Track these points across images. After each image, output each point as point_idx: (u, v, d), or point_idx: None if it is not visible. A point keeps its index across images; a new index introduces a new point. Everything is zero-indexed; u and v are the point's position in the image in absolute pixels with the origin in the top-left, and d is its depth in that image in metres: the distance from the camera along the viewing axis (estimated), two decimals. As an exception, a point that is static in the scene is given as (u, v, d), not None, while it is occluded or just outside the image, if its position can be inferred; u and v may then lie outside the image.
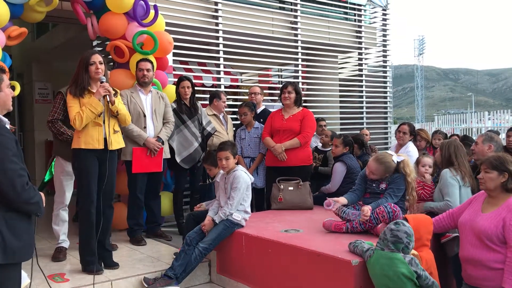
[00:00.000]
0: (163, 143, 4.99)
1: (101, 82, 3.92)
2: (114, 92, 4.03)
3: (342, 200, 3.95)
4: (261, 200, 5.71)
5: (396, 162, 3.92)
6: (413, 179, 3.93)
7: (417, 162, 4.38)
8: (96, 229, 3.96)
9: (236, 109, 7.75)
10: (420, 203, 4.12)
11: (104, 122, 3.93)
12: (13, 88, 2.65)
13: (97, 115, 3.88)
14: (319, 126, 6.27)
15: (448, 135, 6.69)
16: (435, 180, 4.28)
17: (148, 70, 4.94)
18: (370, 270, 3.10)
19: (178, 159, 5.29)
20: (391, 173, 3.93)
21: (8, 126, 2.45)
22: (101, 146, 3.93)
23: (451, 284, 3.77)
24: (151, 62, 5.03)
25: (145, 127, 4.92)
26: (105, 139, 3.94)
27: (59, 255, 4.43)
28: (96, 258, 3.98)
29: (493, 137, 4.21)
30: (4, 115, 2.49)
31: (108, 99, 3.91)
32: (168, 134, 5.11)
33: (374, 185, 3.99)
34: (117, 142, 4.07)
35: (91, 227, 3.96)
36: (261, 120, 5.76)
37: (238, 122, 6.30)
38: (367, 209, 3.69)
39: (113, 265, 4.13)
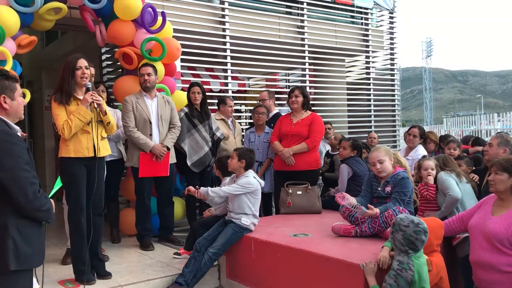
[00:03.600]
0: (168, 149, 5.01)
1: (88, 89, 3.82)
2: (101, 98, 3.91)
3: (353, 199, 3.84)
4: (269, 205, 5.71)
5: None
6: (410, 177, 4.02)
7: (419, 167, 4.35)
8: (87, 237, 3.88)
9: (242, 114, 7.83)
10: (432, 213, 4.11)
11: (92, 129, 3.84)
12: (23, 95, 2.67)
13: (86, 124, 3.79)
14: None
15: (458, 138, 6.66)
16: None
17: (149, 74, 4.91)
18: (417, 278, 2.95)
19: (189, 163, 5.32)
20: (391, 158, 3.93)
21: (19, 133, 2.49)
22: (91, 154, 3.83)
23: (460, 285, 3.75)
24: (153, 66, 5.01)
25: (150, 134, 4.94)
26: (94, 146, 3.86)
27: (67, 258, 4.44)
28: (89, 268, 3.90)
29: (509, 141, 4.18)
30: (16, 123, 2.52)
31: (97, 108, 3.82)
32: (173, 140, 5.12)
33: (379, 188, 3.98)
34: (105, 148, 3.98)
35: (81, 236, 3.88)
36: (272, 124, 5.78)
37: (246, 126, 6.33)
38: (376, 210, 3.69)
39: (106, 275, 4.03)
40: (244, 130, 6.66)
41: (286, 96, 5.68)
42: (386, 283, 2.95)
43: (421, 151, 5.56)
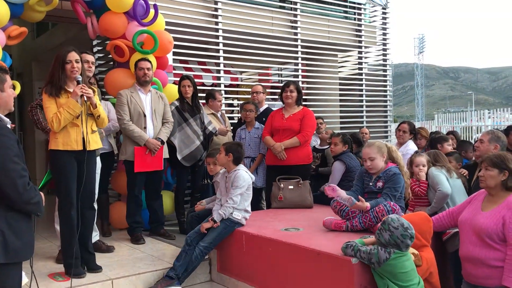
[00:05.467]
0: (162, 142, 5.00)
1: (78, 83, 3.77)
2: (92, 90, 3.86)
3: (342, 192, 3.82)
4: (258, 200, 5.71)
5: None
6: (406, 173, 4.04)
7: (410, 163, 4.37)
8: (78, 231, 3.86)
9: (236, 108, 7.81)
10: (422, 208, 4.14)
11: (82, 123, 3.80)
12: (13, 87, 2.64)
13: (75, 117, 3.75)
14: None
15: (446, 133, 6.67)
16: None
17: (148, 69, 4.95)
18: (388, 268, 3.06)
19: (179, 157, 5.31)
20: (383, 155, 3.94)
21: (9, 125, 2.46)
22: (80, 147, 3.80)
23: (449, 280, 3.78)
24: (150, 61, 5.04)
25: (145, 127, 4.93)
26: (83, 140, 3.82)
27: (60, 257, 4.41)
28: (79, 261, 3.88)
29: (500, 137, 4.20)
30: (6, 115, 2.50)
31: (87, 101, 3.77)
32: (167, 134, 5.11)
33: (371, 183, 3.99)
34: (95, 142, 3.94)
35: (72, 229, 3.85)
36: (264, 119, 5.75)
37: (235, 121, 6.29)
38: (366, 204, 3.71)
39: (96, 269, 4.01)
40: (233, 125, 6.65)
41: (279, 90, 5.66)
42: (361, 250, 3.12)
43: (411, 146, 5.58)
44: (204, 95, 6.10)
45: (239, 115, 6.33)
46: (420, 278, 3.14)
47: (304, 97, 6.13)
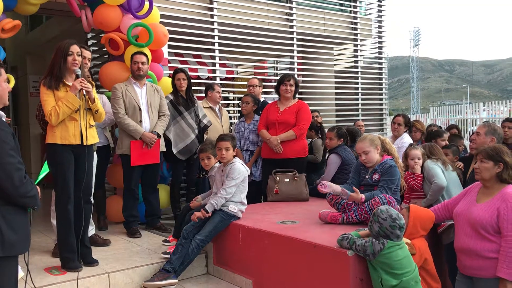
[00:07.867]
0: (159, 136, 4.99)
1: (77, 76, 3.76)
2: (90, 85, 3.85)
3: (336, 186, 3.85)
4: (257, 193, 5.72)
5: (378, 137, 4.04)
6: (400, 164, 4.06)
7: (406, 156, 4.38)
8: (75, 225, 3.87)
9: (231, 101, 7.81)
10: (418, 200, 4.15)
11: (80, 117, 3.79)
12: (8, 81, 2.63)
13: (74, 111, 3.74)
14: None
15: (444, 127, 6.69)
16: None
17: (143, 63, 4.92)
18: (383, 259, 3.08)
19: (174, 151, 5.30)
20: (377, 147, 3.95)
21: (4, 119, 2.45)
22: (78, 142, 3.80)
23: (444, 271, 3.81)
24: (146, 55, 5.01)
25: (140, 121, 4.92)
26: (81, 134, 3.81)
27: (57, 251, 4.41)
28: (76, 255, 3.89)
29: (496, 130, 4.21)
30: (0, 109, 2.49)
31: (86, 96, 3.77)
32: (163, 127, 5.11)
33: (367, 176, 4.00)
34: (92, 136, 3.94)
35: (68, 223, 3.86)
36: (260, 112, 5.76)
37: (234, 114, 6.29)
38: (361, 195, 3.73)
39: (92, 262, 4.02)
40: (232, 118, 6.65)
41: (274, 84, 5.66)
42: (356, 242, 3.13)
43: (406, 139, 5.59)
44: (199, 88, 6.09)
45: (235, 108, 6.34)
46: (415, 264, 3.16)
47: (299, 90, 6.13)
